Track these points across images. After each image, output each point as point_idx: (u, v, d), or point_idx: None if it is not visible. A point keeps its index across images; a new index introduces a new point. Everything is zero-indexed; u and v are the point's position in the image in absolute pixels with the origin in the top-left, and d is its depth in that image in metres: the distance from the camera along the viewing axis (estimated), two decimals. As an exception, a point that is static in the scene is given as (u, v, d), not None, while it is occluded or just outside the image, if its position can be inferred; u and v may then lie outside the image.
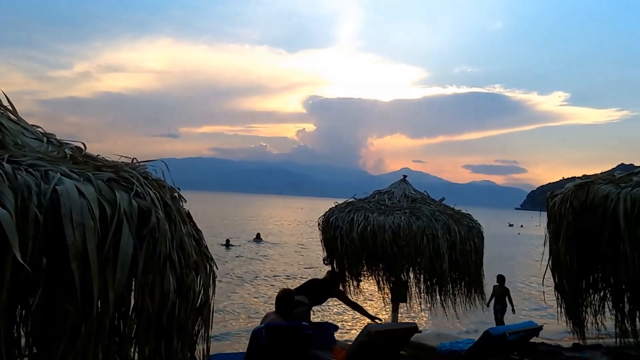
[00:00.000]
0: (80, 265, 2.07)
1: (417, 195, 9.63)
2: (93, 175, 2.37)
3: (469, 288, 9.22)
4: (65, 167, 2.36)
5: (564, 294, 6.10)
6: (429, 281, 9.45)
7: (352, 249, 8.73)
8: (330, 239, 9.23)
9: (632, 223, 4.68)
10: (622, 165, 58.35)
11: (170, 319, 2.50)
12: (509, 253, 35.27)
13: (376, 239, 8.45)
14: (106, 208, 2.25)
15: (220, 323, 11.87)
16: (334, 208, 9.55)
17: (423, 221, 8.52)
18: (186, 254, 2.66)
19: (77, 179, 2.28)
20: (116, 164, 2.68)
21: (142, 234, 2.41)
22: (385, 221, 8.50)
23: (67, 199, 2.09)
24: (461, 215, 9.29)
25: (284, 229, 50.87)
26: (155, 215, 2.44)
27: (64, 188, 2.13)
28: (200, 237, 3.07)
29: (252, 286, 18.21)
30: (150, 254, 2.41)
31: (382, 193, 9.76)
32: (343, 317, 13.76)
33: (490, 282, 11.43)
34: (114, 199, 2.30)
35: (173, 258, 2.54)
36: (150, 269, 2.40)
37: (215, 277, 3.11)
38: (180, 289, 2.58)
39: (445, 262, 8.39)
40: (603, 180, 5.17)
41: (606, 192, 4.90)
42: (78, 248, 2.05)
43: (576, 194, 5.21)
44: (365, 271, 9.92)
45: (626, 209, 4.69)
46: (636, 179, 5.04)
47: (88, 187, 2.24)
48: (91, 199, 2.18)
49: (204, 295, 2.93)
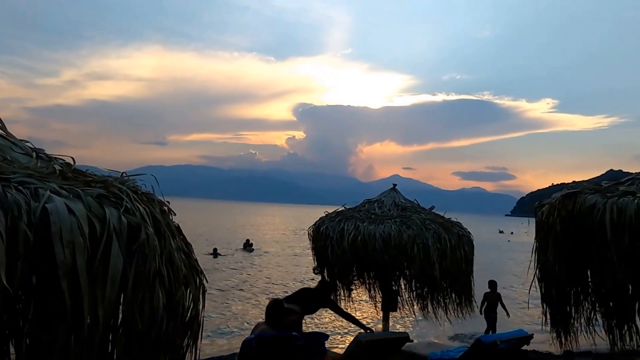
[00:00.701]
0: (70, 283, 2.08)
1: (407, 204, 9.66)
2: (82, 192, 2.38)
3: (460, 296, 9.25)
4: (55, 183, 2.37)
5: (550, 303, 6.14)
6: (420, 290, 9.46)
7: (343, 259, 8.72)
8: (320, 249, 9.22)
9: (618, 232, 4.73)
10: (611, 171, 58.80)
11: (158, 334, 2.50)
12: (499, 260, 35.35)
13: (367, 248, 8.44)
14: (96, 225, 2.26)
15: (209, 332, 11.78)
16: (324, 217, 9.54)
17: (414, 230, 8.54)
18: (175, 268, 2.67)
19: (67, 195, 2.29)
20: (105, 179, 2.69)
21: (131, 249, 2.41)
22: (376, 230, 8.51)
23: (57, 217, 2.10)
24: (451, 223, 9.33)
25: (275, 237, 50.68)
26: (144, 231, 2.45)
27: (53, 206, 2.14)
28: (189, 251, 3.07)
29: (241, 296, 18.11)
30: (140, 269, 2.42)
31: (372, 202, 9.77)
32: (334, 326, 13.73)
33: (481, 290, 11.43)
34: (103, 216, 2.31)
35: (162, 273, 2.54)
36: (139, 285, 2.41)
37: (205, 290, 3.11)
38: (169, 304, 2.58)
39: (436, 270, 8.41)
40: (590, 190, 5.22)
41: (593, 202, 4.95)
42: (68, 266, 2.06)
43: (563, 203, 5.25)
44: (356, 280, 9.91)
45: (612, 219, 4.74)
46: (622, 188, 5.10)
47: (78, 205, 2.25)
48: (81, 216, 2.19)
49: (193, 309, 2.93)
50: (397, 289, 9.68)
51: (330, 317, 14.17)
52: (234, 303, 16.80)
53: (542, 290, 6.13)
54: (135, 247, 2.42)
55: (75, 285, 2.11)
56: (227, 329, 13.08)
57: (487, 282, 12.22)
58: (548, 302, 5.99)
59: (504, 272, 29.19)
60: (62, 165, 2.85)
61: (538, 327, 10.98)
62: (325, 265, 9.48)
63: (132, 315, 2.38)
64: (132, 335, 2.42)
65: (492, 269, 27.10)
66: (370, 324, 12.83)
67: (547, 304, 6.01)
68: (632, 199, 4.79)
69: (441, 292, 9.14)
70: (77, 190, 2.38)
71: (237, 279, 22.09)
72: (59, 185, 2.38)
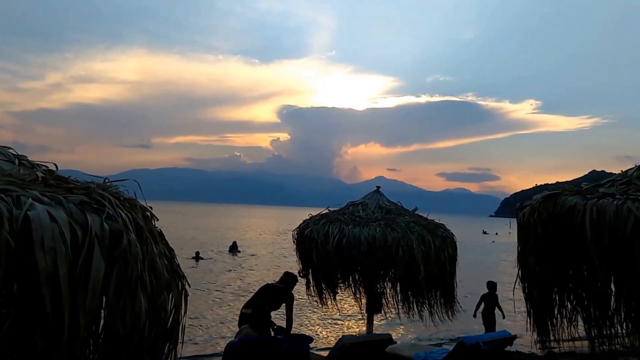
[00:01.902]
0: (51, 291, 2.08)
1: (391, 206, 9.69)
2: (65, 199, 2.38)
3: (443, 297, 9.30)
4: (37, 190, 2.37)
5: (533, 304, 6.20)
6: (405, 292, 9.50)
7: (328, 261, 8.72)
8: (305, 252, 9.20)
9: (598, 233, 4.81)
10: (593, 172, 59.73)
11: (141, 339, 2.49)
12: (484, 261, 35.63)
13: (352, 251, 8.46)
14: (77, 232, 2.26)
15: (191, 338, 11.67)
16: (309, 220, 9.52)
17: (398, 232, 8.58)
18: (158, 274, 2.67)
19: (49, 203, 2.30)
20: (88, 186, 2.69)
21: (113, 256, 2.41)
22: (360, 233, 8.54)
23: (38, 225, 2.10)
24: (435, 225, 9.39)
25: (260, 240, 50.44)
26: (126, 238, 2.46)
27: (35, 214, 2.14)
28: (172, 255, 3.06)
29: (226, 299, 17.97)
30: (122, 276, 2.42)
31: (356, 204, 9.78)
32: (317, 329, 13.74)
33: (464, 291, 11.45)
34: (85, 223, 2.32)
35: (145, 279, 2.55)
36: (121, 291, 2.41)
37: (187, 295, 3.10)
38: (151, 309, 2.58)
39: (421, 272, 8.46)
40: (570, 191, 5.31)
41: (573, 203, 5.03)
42: (49, 273, 2.07)
43: (544, 205, 5.33)
44: (341, 283, 9.91)
45: (592, 220, 4.83)
46: (602, 190, 5.19)
47: (59, 212, 2.25)
48: (63, 223, 2.19)
49: (175, 314, 2.92)
50: (381, 291, 9.71)
51: (315, 320, 14.20)
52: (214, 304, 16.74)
53: (524, 291, 6.20)
54: (117, 254, 2.43)
55: (57, 292, 2.11)
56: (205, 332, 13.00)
57: (486, 283, 11.67)
58: (531, 303, 6.07)
59: (489, 273, 29.43)
60: (45, 172, 2.84)
61: (522, 328, 11.07)
62: (310, 267, 9.47)
63: (114, 322, 2.38)
64: (114, 341, 2.42)
65: (476, 270, 27.32)
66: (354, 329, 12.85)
67: (530, 305, 6.08)
68: (611, 200, 4.88)
69: (425, 294, 9.19)
70: (59, 198, 2.38)
71: (223, 281, 21.94)
72: (41, 192, 2.38)
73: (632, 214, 4.62)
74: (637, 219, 4.59)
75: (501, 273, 29.85)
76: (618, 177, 5.56)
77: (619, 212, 4.70)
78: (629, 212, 4.65)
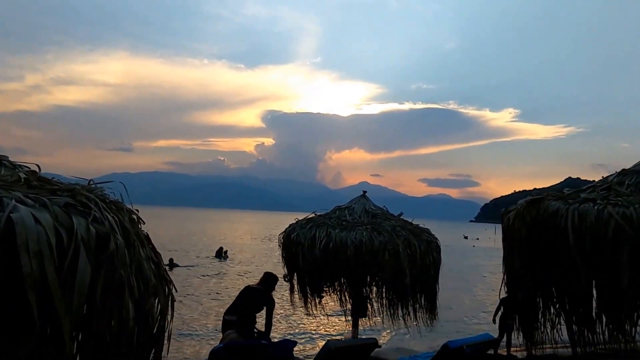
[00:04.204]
0: (37, 296, 2.00)
1: (377, 211, 9.71)
2: (49, 201, 2.30)
3: (428, 301, 9.34)
4: (20, 192, 2.29)
5: (518, 307, 6.26)
6: (391, 295, 9.51)
7: (315, 265, 8.70)
8: (291, 256, 9.16)
9: (580, 237, 4.88)
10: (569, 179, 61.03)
11: (129, 345, 2.44)
12: (465, 265, 35.89)
13: (339, 255, 8.44)
14: (63, 235, 2.19)
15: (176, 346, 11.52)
16: (295, 224, 9.49)
17: (384, 236, 8.58)
18: (145, 278, 2.61)
19: (33, 205, 2.21)
20: (73, 187, 2.61)
21: (100, 260, 2.35)
22: (347, 237, 8.52)
23: (22, 228, 2.02)
24: (420, 229, 9.43)
25: (246, 244, 49.99)
26: (113, 241, 2.39)
27: (19, 216, 2.06)
28: (159, 260, 3.02)
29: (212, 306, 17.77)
30: (109, 280, 2.35)
31: (342, 209, 9.78)
32: (301, 333, 13.68)
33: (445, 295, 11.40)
34: (70, 225, 2.24)
35: (132, 284, 2.48)
36: (108, 296, 2.34)
37: (174, 300, 3.05)
38: (138, 315, 2.52)
39: (407, 276, 8.48)
40: (553, 196, 5.38)
41: (556, 208, 5.10)
42: (35, 278, 1.99)
43: (528, 210, 5.39)
44: (327, 287, 9.89)
45: (574, 224, 4.90)
46: (583, 195, 5.28)
47: (44, 214, 2.17)
48: (48, 226, 2.11)
49: (162, 320, 2.87)
50: (367, 295, 9.71)
51: (299, 325, 14.13)
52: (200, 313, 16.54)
53: (509, 295, 6.26)
54: (103, 258, 2.36)
55: (43, 297, 2.04)
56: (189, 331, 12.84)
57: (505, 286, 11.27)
58: (515, 306, 6.12)
59: (471, 278, 29.70)
60: (27, 173, 2.75)
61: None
62: (296, 272, 9.44)
63: (101, 327, 2.32)
64: (101, 347, 2.35)
65: (458, 274, 27.52)
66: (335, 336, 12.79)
67: (514, 309, 6.14)
68: (592, 205, 4.96)
69: (411, 298, 9.21)
70: (43, 199, 2.30)
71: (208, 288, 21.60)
72: (24, 194, 2.30)
73: (613, 219, 4.70)
74: (618, 223, 4.67)
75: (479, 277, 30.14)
76: (599, 183, 5.66)
77: (600, 217, 4.78)
78: (609, 216, 4.73)
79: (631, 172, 5.55)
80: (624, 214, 4.72)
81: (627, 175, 5.55)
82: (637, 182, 5.40)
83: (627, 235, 4.66)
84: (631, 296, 4.77)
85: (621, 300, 4.81)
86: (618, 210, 4.75)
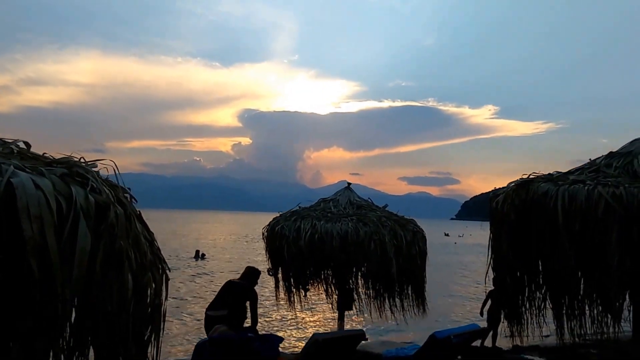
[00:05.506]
0: (39, 261, 1.97)
1: (362, 202, 9.70)
2: (46, 171, 2.26)
3: (414, 292, 9.33)
4: (17, 162, 2.25)
5: (504, 291, 6.25)
6: (377, 287, 9.48)
7: (300, 258, 8.62)
8: (276, 249, 9.06)
9: (570, 218, 4.91)
10: (548, 175, 62.14)
11: (127, 319, 2.37)
12: (448, 261, 36.34)
13: (324, 246, 8.38)
14: (62, 203, 2.15)
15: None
16: (279, 217, 9.41)
17: (370, 227, 8.56)
18: (142, 252, 2.57)
19: (31, 173, 2.17)
20: (68, 160, 2.57)
21: (99, 230, 2.31)
22: (333, 228, 8.48)
23: (22, 192, 1.99)
24: (406, 220, 9.44)
25: (225, 245, 49.60)
26: (113, 211, 2.36)
27: (19, 180, 2.03)
28: (152, 239, 2.94)
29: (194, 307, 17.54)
30: (108, 250, 2.31)
31: (327, 201, 9.74)
32: (287, 328, 13.59)
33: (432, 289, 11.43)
34: (69, 194, 2.20)
35: (130, 256, 2.43)
36: (108, 266, 2.30)
37: (168, 280, 2.98)
38: (136, 288, 2.45)
39: (393, 266, 8.46)
40: (542, 178, 5.41)
41: (545, 190, 5.13)
42: (36, 242, 1.95)
43: (517, 192, 5.41)
44: (312, 280, 9.81)
45: (564, 205, 4.93)
46: (572, 177, 5.32)
47: (44, 180, 2.14)
48: (48, 191, 2.08)
49: (157, 299, 2.79)
50: (353, 287, 9.67)
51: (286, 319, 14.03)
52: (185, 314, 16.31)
53: (496, 278, 6.27)
54: (103, 227, 2.32)
55: (44, 263, 1.99)
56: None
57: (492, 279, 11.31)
58: (502, 292, 6.12)
59: (454, 272, 30.10)
60: (20, 147, 2.70)
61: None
62: (281, 265, 9.34)
63: (102, 297, 2.25)
64: (102, 318, 2.30)
65: (442, 270, 27.79)
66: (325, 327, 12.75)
67: (501, 294, 6.13)
68: (582, 186, 5.00)
69: (397, 289, 9.20)
70: (40, 169, 2.26)
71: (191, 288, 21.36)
72: (21, 164, 2.25)
73: (603, 199, 4.74)
74: (608, 203, 4.71)
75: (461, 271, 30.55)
76: (587, 165, 5.72)
77: (590, 197, 4.82)
78: (599, 196, 4.77)
79: (618, 155, 5.61)
80: (614, 194, 4.77)
81: (614, 157, 5.61)
82: (624, 163, 5.46)
83: (617, 214, 4.70)
84: (620, 274, 4.81)
85: (610, 279, 4.85)
86: (608, 190, 4.80)
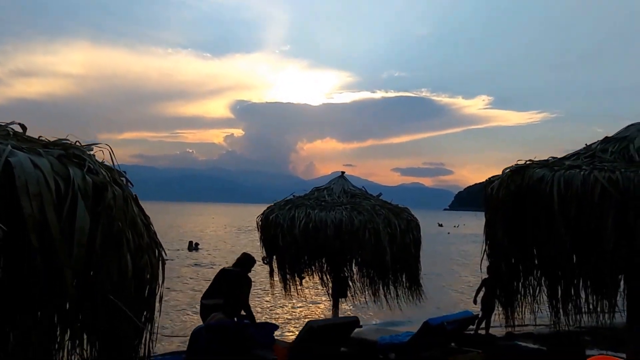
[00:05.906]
0: (39, 239, 1.99)
1: (356, 191, 9.71)
2: (43, 151, 2.27)
3: (409, 280, 9.38)
4: (14, 142, 2.26)
5: (499, 278, 6.26)
6: (371, 275, 9.52)
7: (294, 246, 8.64)
8: (270, 238, 9.07)
9: (565, 204, 4.93)
10: (543, 165, 62.93)
11: (126, 300, 2.38)
12: (442, 250, 36.62)
13: (318, 235, 8.40)
14: (60, 184, 2.16)
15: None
16: (273, 206, 9.40)
17: (364, 215, 8.58)
18: (139, 233, 2.57)
19: (29, 153, 2.19)
20: (64, 142, 2.57)
21: (97, 210, 2.32)
22: (327, 217, 8.50)
23: (21, 171, 2.01)
24: (400, 209, 9.46)
25: (219, 236, 49.62)
26: (111, 191, 2.38)
27: (17, 160, 2.04)
28: (149, 222, 2.92)
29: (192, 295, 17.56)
30: (107, 231, 2.33)
31: (321, 189, 9.75)
32: (282, 316, 13.63)
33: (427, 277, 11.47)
34: (67, 175, 2.22)
35: (128, 237, 2.46)
36: (107, 247, 2.31)
37: (164, 263, 2.96)
38: (135, 269, 2.45)
39: (387, 254, 8.49)
40: (537, 164, 5.42)
41: (541, 175, 5.14)
42: (36, 219, 1.97)
43: (512, 178, 5.42)
44: (307, 268, 9.83)
45: (560, 190, 4.94)
46: (568, 162, 5.33)
47: (42, 159, 2.16)
48: (46, 171, 2.10)
49: (153, 282, 2.78)
50: (347, 275, 9.69)
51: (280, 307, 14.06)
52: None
53: (490, 266, 6.27)
54: (101, 208, 2.33)
55: (44, 241, 2.01)
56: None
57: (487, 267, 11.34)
58: (497, 279, 6.13)
59: (448, 261, 30.38)
60: (14, 130, 2.67)
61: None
62: (275, 254, 9.35)
63: (102, 278, 2.27)
64: (101, 299, 2.32)
65: (437, 259, 28.00)
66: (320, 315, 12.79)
67: (496, 281, 6.15)
68: (578, 171, 5.01)
69: (391, 277, 9.23)
70: (37, 150, 2.27)
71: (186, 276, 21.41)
72: (17, 145, 2.26)
73: (599, 183, 4.75)
74: (604, 188, 4.72)
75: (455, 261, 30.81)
76: (582, 150, 5.73)
77: (586, 182, 4.83)
78: (595, 181, 4.79)
79: (614, 140, 5.62)
80: (610, 178, 4.79)
81: (610, 142, 5.62)
82: (620, 148, 5.48)
83: (613, 199, 4.71)
84: (616, 258, 4.83)
85: (605, 263, 4.87)
86: (604, 174, 4.81)
